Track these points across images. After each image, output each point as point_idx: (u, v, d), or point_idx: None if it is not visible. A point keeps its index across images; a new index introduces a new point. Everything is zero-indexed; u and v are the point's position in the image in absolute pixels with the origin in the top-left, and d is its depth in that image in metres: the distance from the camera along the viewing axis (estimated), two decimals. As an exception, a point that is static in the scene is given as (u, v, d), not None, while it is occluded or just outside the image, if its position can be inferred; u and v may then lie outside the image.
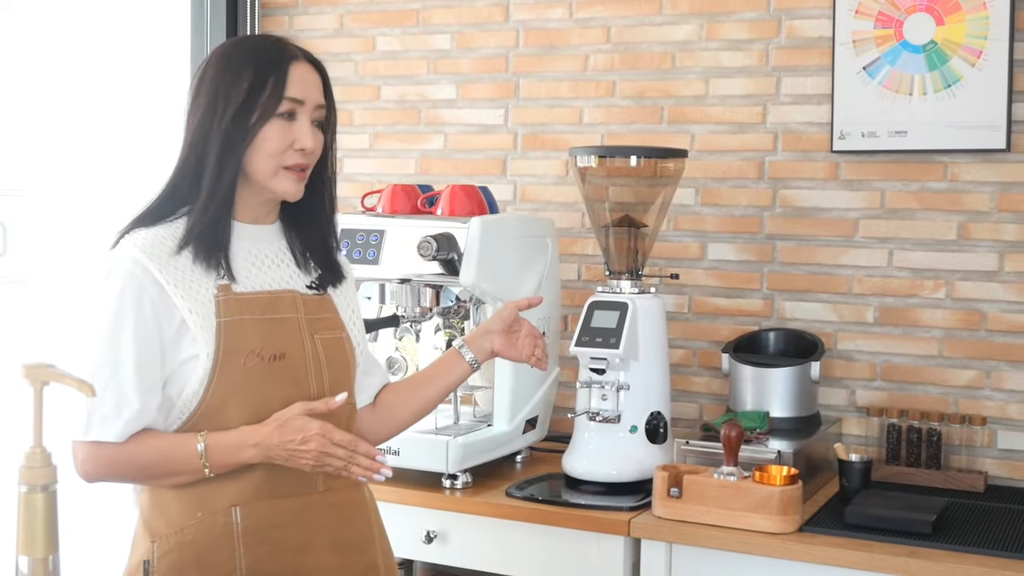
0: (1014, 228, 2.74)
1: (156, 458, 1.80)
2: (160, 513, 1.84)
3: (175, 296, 1.79)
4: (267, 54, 1.86)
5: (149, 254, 1.80)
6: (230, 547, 1.80)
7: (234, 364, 1.80)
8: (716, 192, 3.02)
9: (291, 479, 1.83)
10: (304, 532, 1.85)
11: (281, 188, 1.87)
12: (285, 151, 1.85)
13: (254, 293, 1.86)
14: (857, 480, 2.53)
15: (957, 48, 2.75)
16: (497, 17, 3.25)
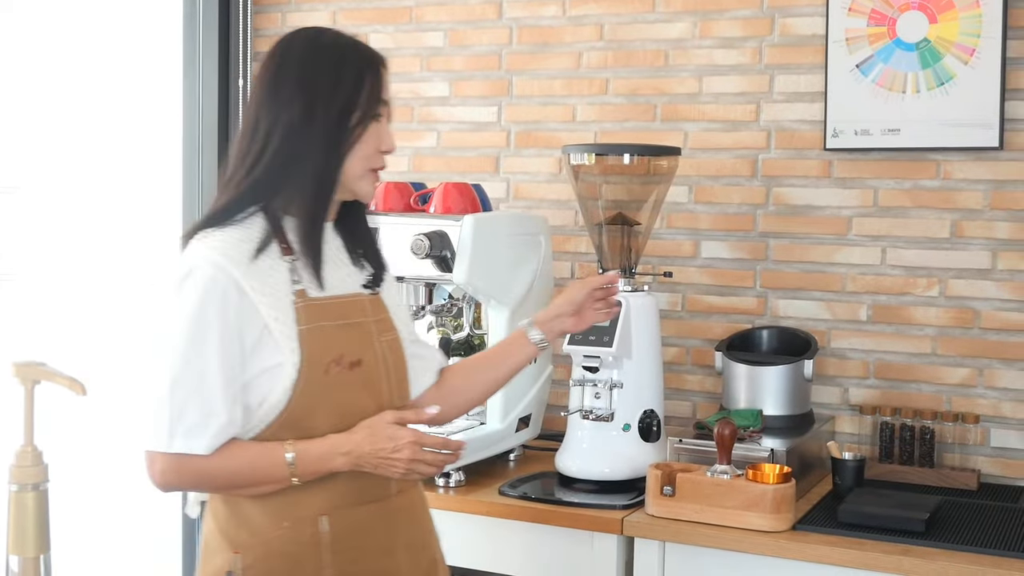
0: (1007, 226, 2.74)
1: (244, 470, 1.76)
2: (241, 522, 1.81)
3: (259, 303, 1.74)
4: (358, 53, 1.85)
5: (230, 258, 1.74)
6: (317, 556, 1.80)
7: (317, 372, 1.78)
8: (709, 190, 3.02)
9: (371, 485, 1.84)
10: (385, 536, 1.86)
11: (365, 190, 1.87)
12: (374, 153, 1.85)
13: (329, 299, 1.83)
14: (850, 478, 2.53)
15: (950, 46, 2.75)
16: (490, 14, 3.24)
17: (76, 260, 3.66)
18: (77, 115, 3.63)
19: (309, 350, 1.77)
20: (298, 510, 1.80)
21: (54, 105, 3.62)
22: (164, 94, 3.59)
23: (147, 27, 3.62)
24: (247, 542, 1.80)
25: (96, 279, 3.67)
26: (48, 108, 3.62)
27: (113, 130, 3.64)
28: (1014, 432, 2.75)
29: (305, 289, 1.80)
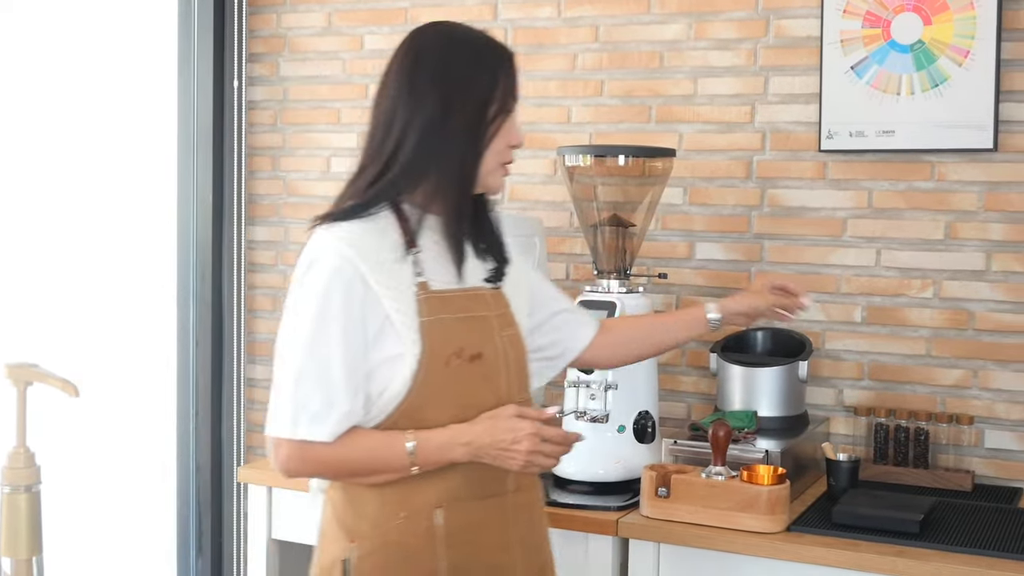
0: (1001, 228, 2.74)
1: (365, 458, 1.79)
2: (359, 512, 1.84)
3: (382, 294, 1.77)
4: (492, 48, 1.88)
5: (356, 248, 1.78)
6: (432, 548, 1.81)
7: (438, 364, 1.79)
8: (704, 191, 3.02)
9: (488, 480, 1.85)
10: (500, 532, 1.87)
11: (496, 183, 1.90)
12: (505, 148, 1.88)
13: (451, 291, 1.85)
14: (845, 479, 2.53)
15: (944, 48, 2.75)
16: (486, 16, 3.24)
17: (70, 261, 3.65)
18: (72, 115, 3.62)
19: (430, 342, 1.79)
20: (414, 502, 1.81)
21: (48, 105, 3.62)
22: (159, 94, 3.59)
23: (142, 27, 3.62)
24: (364, 532, 1.83)
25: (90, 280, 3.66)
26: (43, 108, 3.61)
27: (108, 130, 3.63)
28: (1008, 433, 2.75)
29: (428, 282, 1.83)
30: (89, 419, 3.56)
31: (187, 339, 3.57)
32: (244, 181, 3.55)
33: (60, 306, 3.64)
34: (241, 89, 3.53)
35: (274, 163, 3.56)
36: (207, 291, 3.53)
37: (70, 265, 3.64)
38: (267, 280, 3.57)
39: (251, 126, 3.57)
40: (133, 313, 3.65)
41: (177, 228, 3.56)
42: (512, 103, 1.88)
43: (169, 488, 3.59)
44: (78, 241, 3.64)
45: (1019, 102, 2.71)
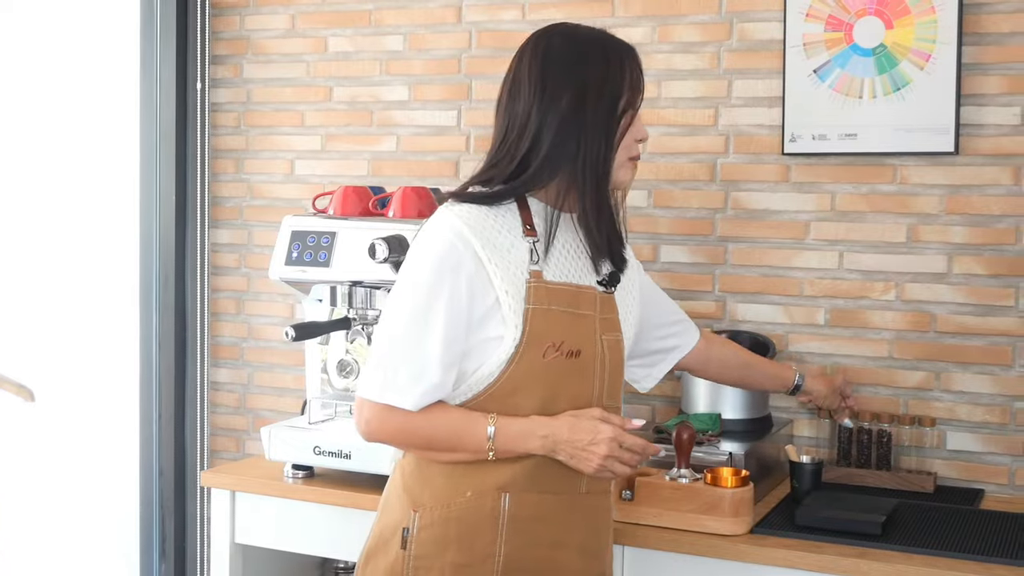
0: (962, 231, 2.76)
1: (444, 433, 1.82)
2: (426, 483, 1.86)
3: (493, 275, 1.80)
4: (617, 45, 1.92)
5: (472, 228, 1.81)
6: (494, 531, 1.83)
7: (535, 353, 1.81)
8: (668, 194, 3.02)
9: (559, 476, 1.86)
10: (561, 529, 1.88)
11: (625, 177, 1.93)
12: (632, 143, 1.91)
13: (562, 284, 1.87)
14: (808, 481, 2.54)
15: (906, 52, 2.76)
16: (450, 18, 3.23)
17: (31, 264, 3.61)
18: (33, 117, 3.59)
19: (532, 329, 1.81)
20: (483, 482, 1.83)
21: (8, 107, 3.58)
22: (121, 96, 3.56)
23: (104, 29, 3.59)
24: (428, 503, 1.85)
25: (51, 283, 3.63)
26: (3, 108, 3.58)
27: (69, 132, 3.60)
28: (970, 435, 2.77)
29: (542, 271, 1.85)
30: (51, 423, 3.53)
31: (150, 342, 3.54)
32: (207, 184, 3.53)
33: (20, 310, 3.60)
34: (204, 91, 3.50)
35: (238, 165, 3.53)
36: (170, 294, 3.50)
37: (31, 268, 3.61)
38: (230, 283, 3.55)
39: (214, 128, 3.55)
40: (95, 316, 3.62)
41: (140, 231, 3.53)
42: (639, 97, 1.92)
43: (132, 492, 3.56)
44: (39, 243, 3.61)
45: (980, 106, 2.73)
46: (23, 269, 3.61)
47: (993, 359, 2.74)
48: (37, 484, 3.58)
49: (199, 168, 3.51)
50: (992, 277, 2.74)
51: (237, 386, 3.54)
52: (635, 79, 1.92)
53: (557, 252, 1.90)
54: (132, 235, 3.54)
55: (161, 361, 3.53)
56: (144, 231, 3.53)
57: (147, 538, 3.56)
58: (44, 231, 3.61)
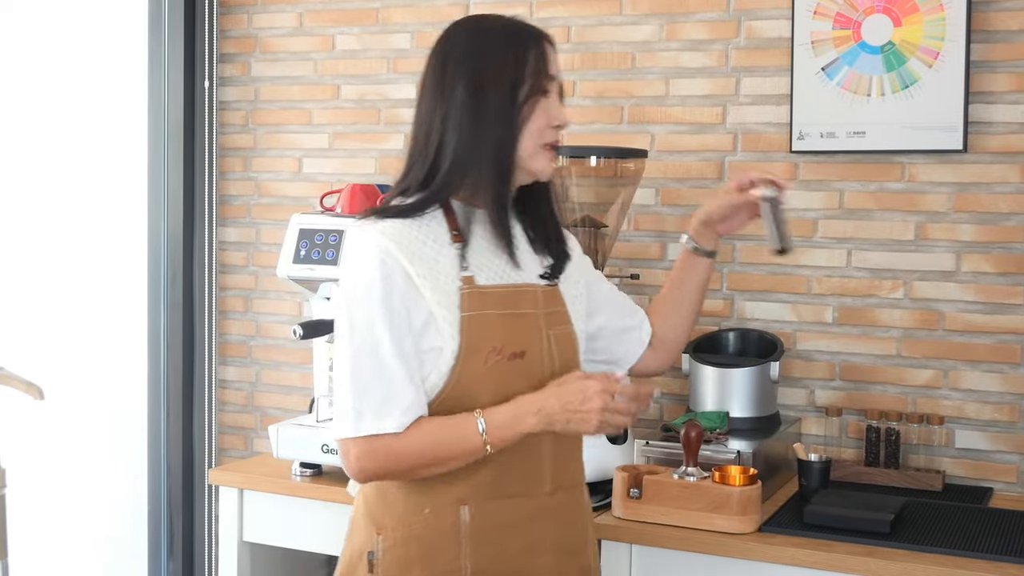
0: (971, 228, 2.76)
1: (436, 443, 1.76)
2: (387, 505, 1.83)
3: (423, 288, 1.76)
4: (520, 30, 1.86)
5: (397, 243, 1.77)
6: (455, 544, 1.80)
7: (476, 360, 1.78)
8: (676, 192, 3.02)
9: (520, 480, 1.82)
10: (529, 534, 1.84)
11: (540, 167, 1.85)
12: (545, 129, 1.84)
13: (497, 287, 1.83)
14: (816, 480, 2.53)
15: (914, 49, 2.76)
16: (456, 16, 3.21)
17: (40, 262, 3.62)
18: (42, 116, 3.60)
19: (469, 337, 1.78)
20: (440, 497, 1.80)
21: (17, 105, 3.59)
22: (130, 95, 3.56)
23: (112, 27, 3.60)
24: (390, 524, 1.82)
25: (60, 281, 3.63)
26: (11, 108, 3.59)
27: (78, 131, 3.61)
28: (978, 433, 2.76)
29: (473, 276, 1.81)
30: (60, 421, 3.54)
31: (158, 341, 3.55)
32: (215, 182, 3.53)
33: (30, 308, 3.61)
34: (212, 89, 3.51)
35: (245, 164, 3.54)
36: (178, 292, 3.51)
37: (40, 266, 3.62)
38: (238, 281, 3.55)
39: (222, 127, 3.55)
40: (104, 314, 3.63)
41: (148, 229, 3.54)
42: (547, 82, 1.85)
43: (140, 490, 3.56)
44: (48, 242, 3.62)
45: (989, 103, 2.73)
46: (32, 267, 3.61)
47: (1002, 357, 2.74)
48: (46, 481, 3.58)
49: (207, 166, 3.51)
50: (1001, 275, 2.73)
51: (245, 384, 3.55)
52: (540, 64, 1.83)
53: (491, 253, 1.85)
54: (140, 233, 3.55)
55: (169, 359, 3.53)
56: (152, 229, 3.54)
57: (155, 536, 3.56)
58: (53, 229, 3.62)
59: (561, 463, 1.89)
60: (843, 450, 2.81)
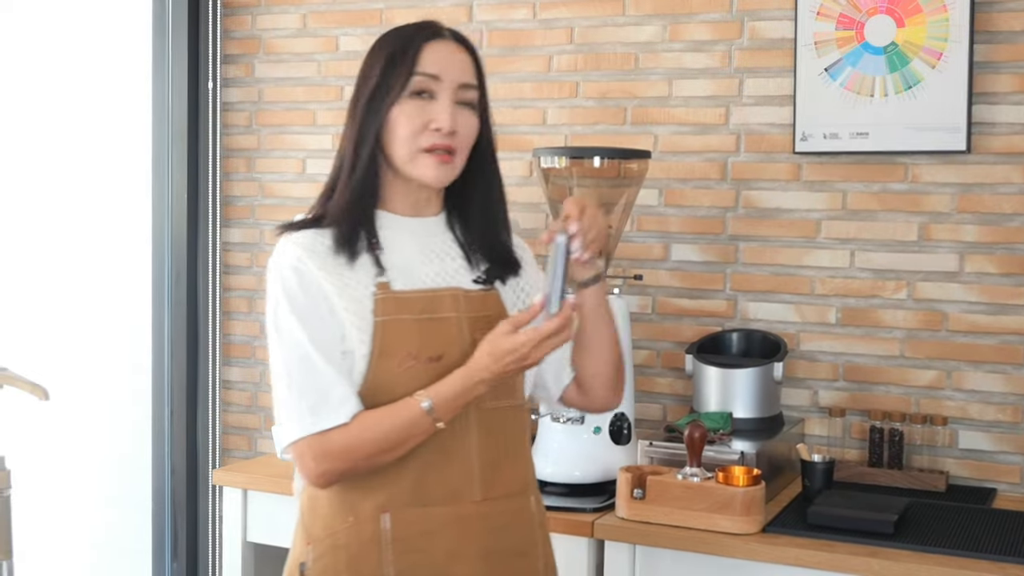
0: (974, 229, 2.76)
1: (386, 429, 1.74)
2: (316, 515, 1.82)
3: (332, 294, 1.76)
4: (405, 33, 1.83)
5: (309, 251, 1.78)
6: (378, 553, 1.78)
7: (389, 364, 1.77)
8: (679, 193, 3.02)
9: (443, 487, 1.80)
10: (454, 541, 1.80)
11: (419, 173, 1.80)
12: (421, 132, 1.78)
13: (414, 291, 1.81)
14: (820, 480, 2.53)
15: (918, 50, 2.76)
16: (461, 18, 3.24)
17: (44, 262, 3.63)
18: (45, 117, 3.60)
19: (382, 342, 1.76)
20: (362, 506, 1.79)
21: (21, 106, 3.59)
22: (133, 96, 3.57)
23: (116, 28, 3.60)
24: (319, 534, 1.81)
25: (64, 282, 3.64)
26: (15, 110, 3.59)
27: (82, 132, 3.61)
28: (982, 434, 2.76)
29: (389, 282, 1.80)
30: (64, 422, 3.55)
31: (162, 341, 3.55)
32: (219, 183, 3.54)
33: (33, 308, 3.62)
34: (216, 90, 3.51)
35: (249, 165, 3.54)
36: (182, 293, 3.51)
37: (44, 267, 3.62)
38: (242, 282, 3.56)
39: (226, 128, 3.56)
40: (108, 315, 3.63)
41: (152, 230, 3.54)
42: (412, 82, 1.79)
43: (144, 491, 3.57)
44: (52, 242, 3.62)
45: (992, 104, 2.73)
46: (36, 268, 3.62)
47: (1005, 358, 2.74)
48: (50, 482, 3.59)
49: (211, 167, 3.51)
50: (1004, 276, 2.73)
51: (249, 384, 3.55)
52: (405, 66, 1.78)
53: (418, 259, 1.84)
54: (144, 234, 3.55)
55: (173, 360, 3.53)
56: (156, 230, 3.54)
57: (159, 536, 3.57)
58: (57, 230, 3.62)
59: (494, 472, 1.84)
60: (846, 451, 2.82)
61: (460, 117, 1.80)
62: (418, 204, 1.87)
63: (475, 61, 1.85)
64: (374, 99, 1.80)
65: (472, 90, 1.83)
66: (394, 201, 1.85)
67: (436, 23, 1.86)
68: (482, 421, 1.82)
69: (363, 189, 1.81)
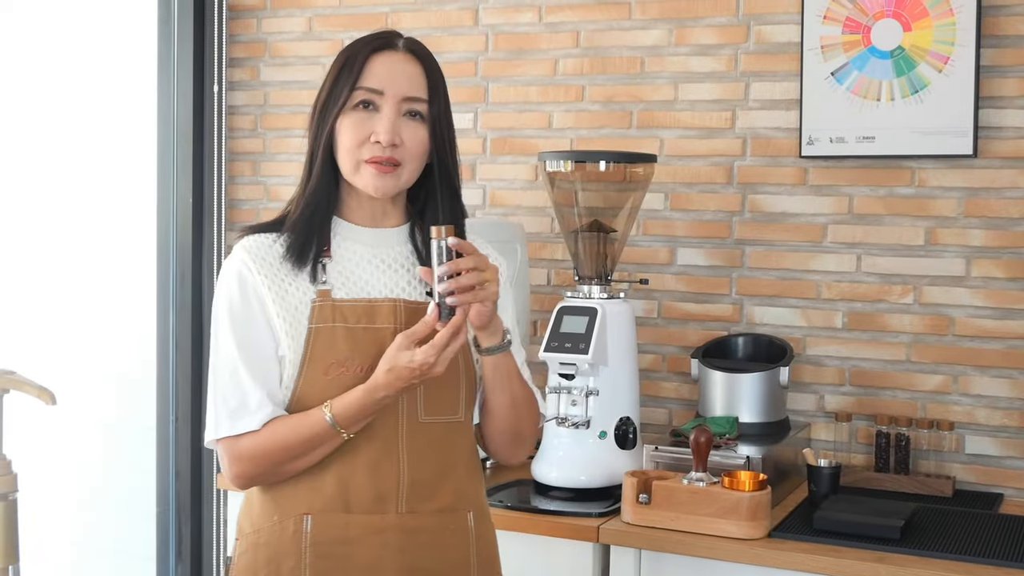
0: (980, 233, 2.75)
1: (292, 436, 1.77)
2: (247, 512, 1.87)
3: (268, 300, 1.79)
4: (357, 45, 1.85)
5: (254, 256, 1.82)
6: (298, 554, 1.80)
7: (316, 371, 1.79)
8: (685, 197, 3.02)
9: (369, 497, 1.80)
10: (374, 552, 1.80)
11: (362, 183, 1.82)
12: (363, 144, 1.80)
13: (352, 300, 1.82)
14: (826, 485, 2.52)
15: (924, 54, 2.76)
16: (466, 21, 3.24)
17: (49, 265, 3.63)
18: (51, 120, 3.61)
19: (312, 349, 1.79)
20: (289, 507, 1.81)
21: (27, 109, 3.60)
22: (139, 99, 3.57)
23: (122, 31, 3.60)
24: (246, 531, 1.86)
25: (69, 285, 3.64)
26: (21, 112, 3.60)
27: (87, 135, 3.61)
28: (988, 439, 2.76)
29: (330, 290, 1.82)
30: (69, 425, 3.55)
31: (167, 344, 3.55)
32: (224, 186, 3.54)
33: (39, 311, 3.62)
34: (221, 94, 3.51)
35: (254, 168, 3.54)
36: (187, 295, 3.51)
37: (49, 270, 3.62)
38: (247, 285, 3.55)
39: (231, 131, 3.56)
40: (113, 318, 3.63)
41: (157, 233, 3.54)
42: (354, 96, 1.81)
43: (149, 494, 3.57)
44: (57, 245, 3.62)
45: (999, 108, 2.72)
46: (42, 271, 3.62)
47: (1012, 363, 2.73)
48: (55, 485, 3.59)
49: (216, 171, 3.51)
50: (1011, 280, 2.73)
51: (253, 388, 3.54)
52: (351, 80, 1.81)
53: (358, 268, 1.85)
54: (149, 237, 3.55)
55: (178, 362, 3.53)
56: (161, 233, 3.54)
57: (163, 540, 3.57)
58: (62, 233, 3.62)
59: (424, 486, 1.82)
60: (853, 455, 2.81)
61: (405, 129, 1.82)
62: (374, 214, 1.89)
63: (428, 72, 1.85)
64: (324, 110, 1.84)
65: (419, 103, 1.83)
66: (351, 211, 1.88)
67: (392, 34, 1.87)
68: (414, 433, 1.82)
69: (318, 199, 1.85)
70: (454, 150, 1.89)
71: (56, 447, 3.59)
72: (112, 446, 3.64)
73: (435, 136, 1.84)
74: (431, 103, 1.84)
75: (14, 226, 3.60)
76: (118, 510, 3.65)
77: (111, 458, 3.64)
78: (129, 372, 3.63)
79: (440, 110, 1.85)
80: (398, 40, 1.86)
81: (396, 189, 1.84)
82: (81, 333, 3.62)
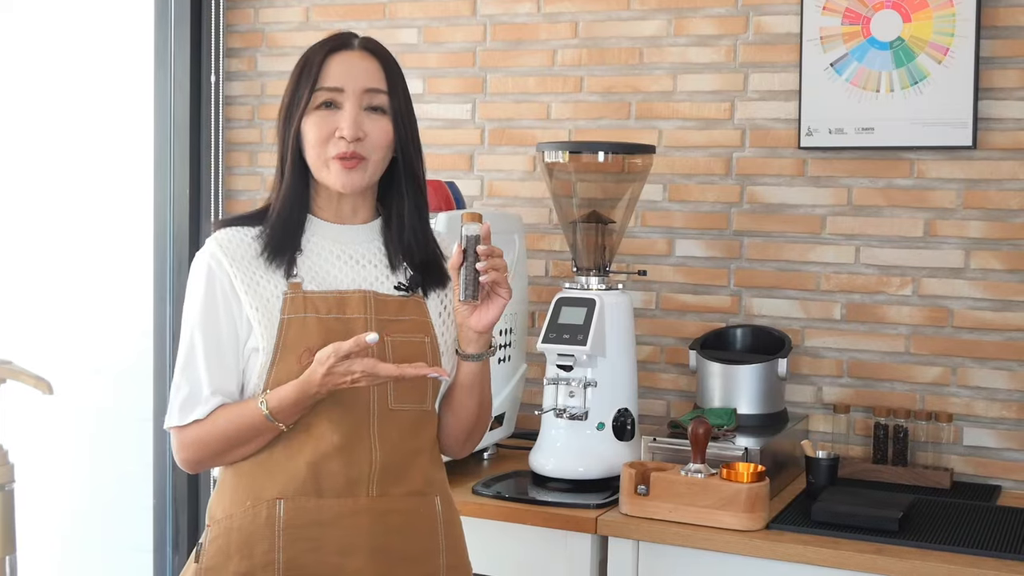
0: (980, 225, 2.75)
1: (231, 426, 1.83)
2: (219, 498, 1.90)
3: (240, 291, 1.83)
4: (314, 48, 1.89)
5: (225, 250, 1.85)
6: (271, 538, 1.82)
7: (290, 360, 1.82)
8: (684, 188, 3.01)
9: (341, 481, 1.83)
10: (345, 535, 1.84)
11: (330, 180, 1.87)
12: (328, 141, 1.85)
13: (323, 292, 1.86)
14: (824, 477, 2.52)
15: (924, 45, 2.75)
16: (464, 11, 3.23)
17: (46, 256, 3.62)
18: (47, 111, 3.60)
19: (285, 338, 1.83)
20: (260, 491, 1.84)
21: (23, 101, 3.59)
22: (136, 89, 3.56)
23: (118, 22, 3.59)
24: (218, 516, 1.88)
25: (66, 275, 3.63)
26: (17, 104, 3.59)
27: (84, 126, 3.60)
28: (987, 431, 2.75)
29: (301, 283, 1.86)
30: (65, 416, 3.54)
31: (163, 335, 3.54)
32: (221, 177, 3.53)
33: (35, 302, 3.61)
34: (218, 84, 3.50)
35: (251, 159, 3.53)
36: (184, 286, 3.50)
37: (46, 261, 3.62)
38: (245, 276, 3.54)
39: (228, 121, 3.55)
40: (109, 309, 3.63)
41: (154, 223, 3.53)
42: (316, 97, 1.85)
43: (146, 485, 3.56)
44: (54, 236, 3.61)
45: (998, 99, 2.72)
46: (39, 262, 3.61)
47: (1010, 355, 2.73)
48: (52, 477, 3.58)
49: (213, 161, 3.50)
50: (1009, 272, 2.72)
51: (251, 379, 3.54)
52: (311, 81, 1.85)
53: (328, 263, 1.88)
54: (146, 228, 3.54)
55: (175, 353, 3.52)
56: (158, 224, 3.53)
57: (160, 531, 3.56)
58: (59, 224, 3.62)
59: (395, 470, 1.86)
60: (851, 447, 2.81)
61: (368, 123, 1.86)
62: (342, 211, 1.92)
63: (385, 67, 1.89)
64: (289, 115, 1.88)
65: (379, 95, 1.87)
66: (321, 208, 1.92)
67: (347, 35, 1.90)
68: (384, 419, 1.86)
69: (291, 198, 1.89)
70: (417, 144, 1.94)
71: (52, 439, 3.59)
72: (108, 437, 3.64)
73: (398, 129, 1.89)
74: (391, 95, 1.88)
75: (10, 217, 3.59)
76: (115, 501, 3.64)
77: (107, 449, 3.64)
78: (126, 363, 3.62)
79: (400, 103, 1.89)
80: (354, 40, 1.90)
81: (363, 183, 1.88)
82: (77, 324, 3.62)
